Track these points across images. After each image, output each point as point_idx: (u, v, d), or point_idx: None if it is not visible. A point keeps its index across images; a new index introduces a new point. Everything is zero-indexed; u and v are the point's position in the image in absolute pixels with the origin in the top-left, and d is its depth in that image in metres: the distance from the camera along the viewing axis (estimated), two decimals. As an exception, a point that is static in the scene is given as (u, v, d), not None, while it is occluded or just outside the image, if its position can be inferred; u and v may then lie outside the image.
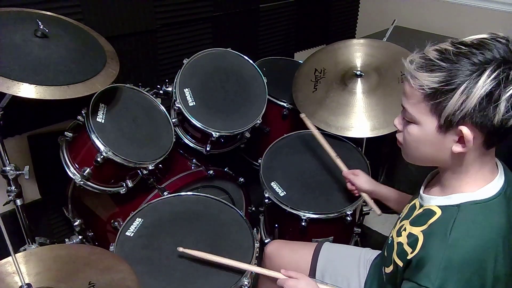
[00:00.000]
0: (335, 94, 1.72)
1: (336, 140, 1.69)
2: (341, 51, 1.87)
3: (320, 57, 1.90)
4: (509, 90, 0.72)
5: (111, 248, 1.20)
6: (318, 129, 1.60)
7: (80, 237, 1.67)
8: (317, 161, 1.64)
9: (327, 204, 1.47)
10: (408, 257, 0.84)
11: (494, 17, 2.23)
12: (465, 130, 0.77)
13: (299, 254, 1.33)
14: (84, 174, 1.38)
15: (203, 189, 1.67)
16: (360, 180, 1.36)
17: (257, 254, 1.22)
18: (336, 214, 1.45)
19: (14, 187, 1.37)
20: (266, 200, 1.51)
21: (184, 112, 1.55)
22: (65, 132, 1.41)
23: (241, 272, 1.16)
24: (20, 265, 0.89)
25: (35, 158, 1.64)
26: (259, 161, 1.63)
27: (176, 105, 1.56)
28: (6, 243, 0.85)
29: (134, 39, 1.75)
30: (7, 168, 1.33)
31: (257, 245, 1.24)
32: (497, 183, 0.84)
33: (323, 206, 1.47)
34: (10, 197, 1.38)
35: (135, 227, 1.28)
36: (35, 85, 1.14)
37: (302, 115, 1.59)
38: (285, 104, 1.90)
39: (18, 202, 1.40)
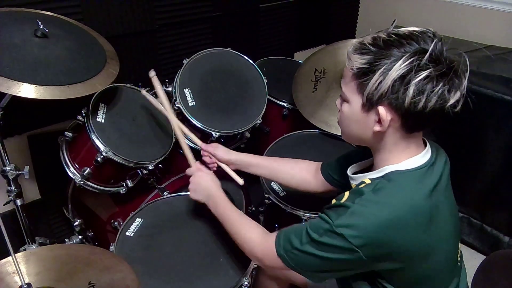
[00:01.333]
0: (335, 94, 1.72)
1: (336, 140, 1.70)
2: (341, 51, 1.87)
3: (320, 57, 1.90)
4: (419, 75, 0.78)
5: (111, 248, 1.20)
6: (317, 128, 1.60)
7: (80, 237, 1.67)
8: (317, 161, 1.63)
9: (327, 204, 1.47)
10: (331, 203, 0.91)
11: (494, 17, 2.23)
12: (381, 110, 0.84)
13: None
14: (84, 174, 1.38)
15: (203, 189, 1.67)
16: (219, 151, 1.35)
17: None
18: (336, 214, 1.45)
19: (14, 187, 1.37)
20: (266, 200, 1.51)
21: (184, 112, 1.55)
22: (65, 132, 1.41)
23: (241, 272, 1.16)
24: (20, 265, 0.89)
25: (35, 158, 1.64)
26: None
27: (176, 105, 1.56)
28: (6, 243, 0.85)
29: (134, 39, 1.75)
30: (7, 168, 1.33)
31: (257, 245, 1.24)
32: (421, 158, 0.89)
33: (323, 206, 1.46)
34: (10, 197, 1.38)
35: (135, 227, 1.28)
36: (35, 85, 1.14)
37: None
38: (285, 104, 1.90)
39: (18, 202, 1.40)
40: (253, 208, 1.88)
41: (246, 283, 1.14)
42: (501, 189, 1.85)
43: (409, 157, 0.89)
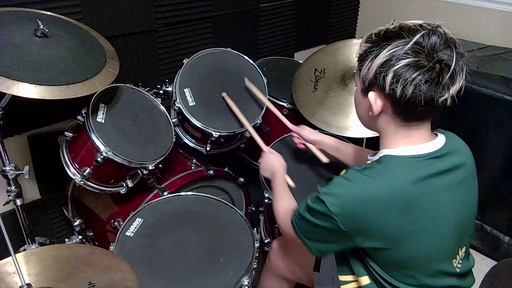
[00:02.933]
0: (335, 94, 1.72)
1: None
2: (341, 51, 1.87)
3: (320, 57, 1.90)
4: (398, 64, 0.82)
5: (111, 248, 1.20)
6: (317, 128, 1.60)
7: (80, 237, 1.67)
8: (317, 161, 1.63)
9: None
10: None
11: (494, 17, 2.23)
12: (370, 95, 0.90)
13: (304, 249, 1.33)
14: (84, 174, 1.37)
15: (203, 189, 1.67)
16: (305, 131, 1.47)
17: (257, 254, 1.22)
18: (336, 214, 1.45)
19: (14, 187, 1.37)
20: (266, 200, 1.51)
21: (184, 112, 1.55)
22: (65, 132, 1.41)
23: (241, 272, 1.16)
24: (20, 265, 0.89)
25: (35, 158, 1.64)
26: (259, 161, 1.62)
27: (176, 105, 1.56)
28: (6, 243, 0.85)
29: (134, 39, 1.75)
30: (7, 168, 1.33)
31: (257, 245, 1.24)
32: (422, 148, 0.91)
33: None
34: (10, 197, 1.38)
35: (135, 227, 1.28)
36: (35, 85, 1.14)
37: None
38: (285, 104, 1.90)
39: (18, 202, 1.40)
40: (253, 208, 1.88)
41: (246, 283, 1.14)
42: (501, 189, 1.85)
43: (407, 145, 0.91)
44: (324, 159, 1.44)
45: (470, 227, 1.01)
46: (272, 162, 1.36)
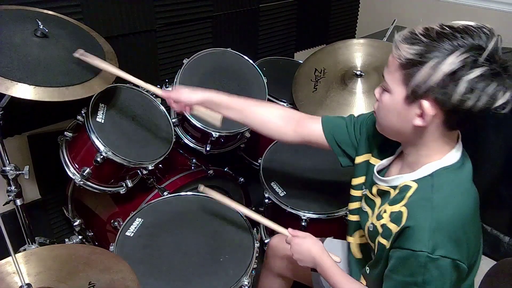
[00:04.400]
0: (335, 94, 1.72)
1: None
2: (341, 51, 1.87)
3: (320, 57, 1.90)
4: (471, 73, 0.75)
5: (111, 248, 1.20)
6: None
7: (80, 237, 1.67)
8: (317, 161, 1.64)
9: (327, 204, 1.47)
10: (394, 232, 0.87)
11: (494, 17, 2.23)
12: (426, 104, 0.81)
13: None
14: (84, 174, 1.37)
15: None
16: (183, 94, 1.20)
17: (257, 254, 1.22)
18: (336, 214, 1.45)
19: (14, 187, 1.37)
20: (266, 200, 1.51)
21: (184, 112, 1.55)
22: (65, 132, 1.41)
23: (241, 272, 1.16)
24: (20, 265, 0.89)
25: (35, 158, 1.64)
26: (259, 161, 1.63)
27: (176, 105, 1.56)
28: (6, 243, 0.85)
29: (134, 39, 1.75)
30: (7, 168, 1.33)
31: (257, 245, 1.24)
32: (456, 153, 0.89)
33: (323, 206, 1.47)
34: (10, 197, 1.38)
35: (135, 227, 1.28)
36: (34, 86, 1.13)
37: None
38: (285, 104, 1.90)
39: (18, 202, 1.40)
40: (253, 208, 1.88)
41: (246, 283, 1.14)
42: (501, 189, 1.85)
43: (447, 152, 0.88)
44: (218, 116, 1.22)
45: None
46: (306, 249, 1.10)
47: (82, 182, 1.40)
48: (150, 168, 1.43)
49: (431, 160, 0.88)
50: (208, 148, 1.66)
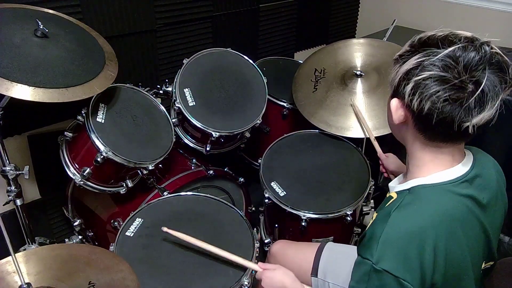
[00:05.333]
0: (335, 94, 1.72)
1: (336, 140, 1.70)
2: (341, 51, 1.87)
3: (320, 57, 1.90)
4: (421, 74, 0.76)
5: (111, 248, 1.20)
6: (317, 128, 1.60)
7: (80, 237, 1.67)
8: (317, 161, 1.64)
9: (327, 204, 1.47)
10: (361, 235, 0.88)
11: (494, 17, 2.23)
12: (392, 101, 0.84)
13: (302, 253, 1.34)
14: (84, 174, 1.37)
15: (203, 189, 1.67)
16: (388, 161, 1.39)
17: (257, 254, 1.22)
18: (336, 214, 1.45)
19: (14, 187, 1.37)
20: (266, 200, 1.51)
21: (184, 112, 1.55)
22: (65, 132, 1.41)
23: (241, 272, 1.16)
24: (20, 265, 0.90)
25: (35, 158, 1.64)
26: (259, 161, 1.63)
27: (176, 105, 1.56)
28: (6, 243, 0.85)
29: (134, 39, 1.75)
30: (7, 168, 1.33)
31: (257, 245, 1.24)
32: (455, 170, 0.85)
33: (323, 206, 1.47)
34: (10, 197, 1.39)
35: (135, 227, 1.28)
36: (33, 87, 1.13)
37: None
38: (285, 104, 1.90)
39: (18, 202, 1.40)
40: (253, 208, 1.88)
41: (246, 283, 1.14)
42: (501, 189, 1.85)
43: (437, 171, 0.85)
44: None
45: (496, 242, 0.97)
46: (278, 281, 1.10)
47: (82, 182, 1.40)
48: (150, 168, 1.43)
49: (417, 176, 0.87)
50: (208, 148, 1.66)
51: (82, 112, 1.35)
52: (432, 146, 0.84)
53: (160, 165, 1.51)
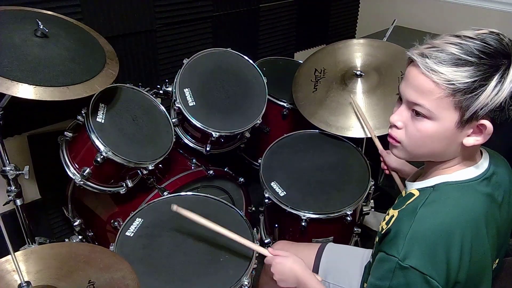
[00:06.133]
0: (335, 94, 1.72)
1: (336, 140, 1.70)
2: (341, 51, 1.87)
3: (320, 57, 1.90)
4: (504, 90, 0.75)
5: (111, 248, 1.20)
6: (317, 128, 1.59)
7: (80, 237, 1.67)
8: (317, 161, 1.64)
9: (327, 204, 1.47)
10: (382, 232, 0.87)
11: (494, 17, 2.24)
12: (488, 123, 0.79)
13: (303, 254, 1.33)
14: (84, 174, 1.37)
15: (203, 189, 1.67)
16: (389, 158, 1.36)
17: (257, 254, 1.22)
18: (336, 214, 1.45)
19: (14, 187, 1.37)
20: (266, 200, 1.51)
21: (184, 112, 1.55)
22: (65, 132, 1.41)
23: (241, 272, 1.16)
24: (20, 263, 0.89)
25: (35, 158, 1.64)
26: (259, 161, 1.63)
27: (176, 105, 1.57)
28: (6, 243, 0.85)
29: (134, 39, 1.75)
30: (7, 168, 1.34)
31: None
32: (476, 169, 0.86)
33: (323, 206, 1.47)
34: (10, 197, 1.39)
35: (135, 227, 1.28)
36: (34, 86, 1.13)
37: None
38: (285, 104, 1.90)
39: (18, 202, 1.40)
40: (253, 208, 1.88)
41: (246, 283, 1.14)
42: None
43: (461, 168, 0.85)
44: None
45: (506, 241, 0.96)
46: (288, 268, 1.10)
47: (82, 182, 1.40)
48: (150, 168, 1.43)
49: (443, 173, 0.86)
50: (208, 148, 1.66)
51: (82, 112, 1.35)
52: (471, 148, 0.83)
53: (160, 165, 1.51)
